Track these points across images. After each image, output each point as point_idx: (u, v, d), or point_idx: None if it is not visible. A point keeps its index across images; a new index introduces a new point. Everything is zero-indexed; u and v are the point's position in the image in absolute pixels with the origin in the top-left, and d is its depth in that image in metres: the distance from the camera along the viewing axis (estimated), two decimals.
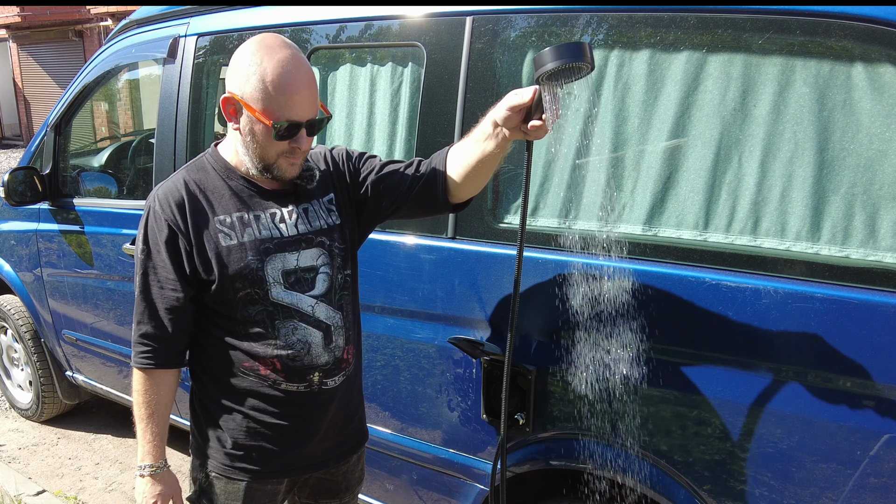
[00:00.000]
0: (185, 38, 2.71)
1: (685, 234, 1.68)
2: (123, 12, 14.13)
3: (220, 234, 1.54)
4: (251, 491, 1.65)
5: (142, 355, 1.57)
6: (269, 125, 1.45)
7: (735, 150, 1.61)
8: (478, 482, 2.07)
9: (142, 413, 1.59)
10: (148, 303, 1.56)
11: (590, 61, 1.34)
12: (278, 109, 1.45)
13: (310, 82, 1.49)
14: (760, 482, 1.60)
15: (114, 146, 3.99)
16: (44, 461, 3.63)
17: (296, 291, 1.58)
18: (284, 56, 1.45)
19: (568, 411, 1.84)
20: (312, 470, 1.72)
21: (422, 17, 2.05)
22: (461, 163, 1.61)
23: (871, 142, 1.47)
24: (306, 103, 1.48)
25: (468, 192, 1.66)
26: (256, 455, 1.63)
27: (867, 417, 1.47)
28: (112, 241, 3.04)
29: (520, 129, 1.46)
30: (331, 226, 1.65)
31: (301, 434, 1.65)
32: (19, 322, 3.79)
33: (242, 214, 1.56)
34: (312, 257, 1.61)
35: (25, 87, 18.82)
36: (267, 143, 1.50)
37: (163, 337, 1.57)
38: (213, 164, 1.60)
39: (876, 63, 1.46)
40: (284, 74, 1.44)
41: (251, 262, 1.54)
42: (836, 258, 1.51)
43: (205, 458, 1.67)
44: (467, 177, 1.61)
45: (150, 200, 1.58)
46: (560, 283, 1.81)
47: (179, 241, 1.54)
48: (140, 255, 1.57)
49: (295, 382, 1.60)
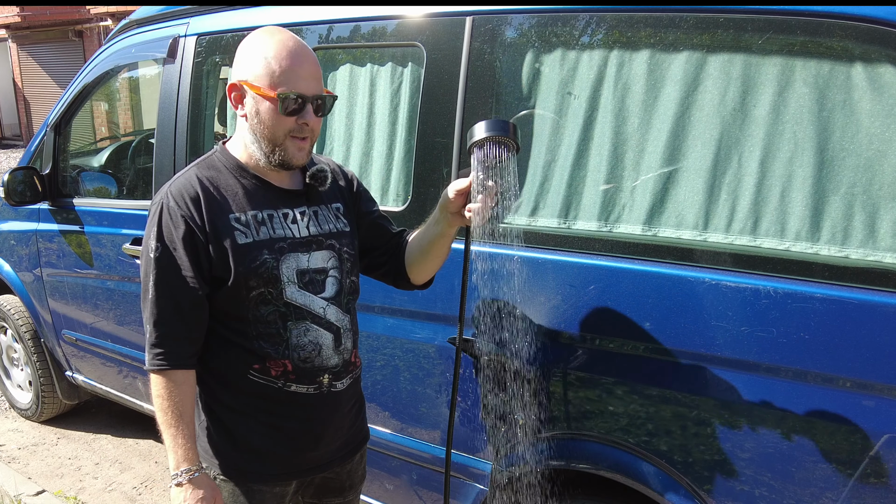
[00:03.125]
0: (185, 38, 2.71)
1: (685, 234, 1.68)
2: (123, 12, 14.13)
3: (236, 232, 1.52)
4: (260, 494, 1.63)
5: (159, 357, 1.51)
6: (275, 97, 1.46)
7: (735, 150, 1.61)
8: (478, 482, 2.07)
9: (168, 418, 1.51)
10: (163, 302, 1.50)
11: (513, 138, 1.45)
12: (283, 82, 1.46)
13: (312, 59, 1.50)
14: (760, 482, 1.61)
15: (114, 146, 3.99)
16: (43, 461, 3.63)
17: (308, 292, 1.58)
18: (285, 36, 1.49)
19: (568, 412, 1.84)
20: (320, 470, 1.72)
21: (421, 17, 2.05)
22: (416, 247, 1.72)
23: (871, 142, 1.47)
24: (311, 78, 1.49)
25: (425, 274, 1.76)
26: (265, 458, 1.62)
27: (867, 417, 1.47)
28: (112, 241, 3.04)
29: (461, 212, 1.55)
30: (340, 231, 1.65)
31: (310, 436, 1.64)
32: (19, 322, 3.79)
33: (257, 213, 1.55)
34: (323, 259, 1.60)
35: (25, 87, 18.81)
36: (274, 121, 1.49)
37: (181, 337, 1.52)
38: (225, 163, 1.58)
39: (876, 63, 1.46)
40: (286, 49, 1.47)
41: (267, 260, 1.53)
42: (836, 258, 1.51)
43: (212, 460, 1.64)
44: (421, 260, 1.71)
45: (162, 197, 1.54)
46: (560, 284, 1.81)
47: (196, 236, 1.50)
48: (153, 254, 1.51)
49: (305, 384, 1.59)
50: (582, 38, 1.79)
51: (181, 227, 1.50)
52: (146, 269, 1.53)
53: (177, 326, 1.52)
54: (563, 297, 1.81)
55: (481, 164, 1.47)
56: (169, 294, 1.50)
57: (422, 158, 2.06)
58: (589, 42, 1.79)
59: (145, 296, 1.53)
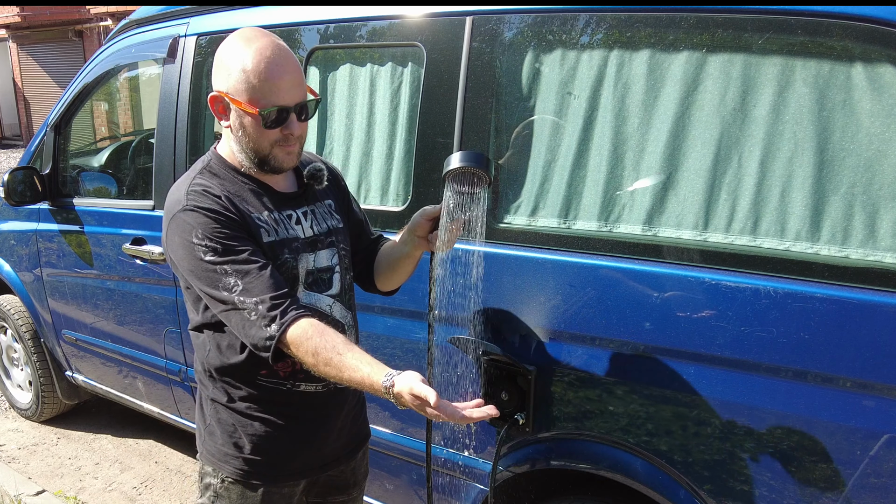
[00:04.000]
0: (185, 38, 2.71)
1: (685, 234, 1.68)
2: (123, 12, 14.12)
3: (262, 230, 1.51)
4: (269, 495, 1.62)
5: (287, 314, 1.39)
6: (256, 114, 1.43)
7: (735, 150, 1.61)
8: (478, 482, 2.07)
9: (339, 351, 1.36)
10: (250, 279, 1.40)
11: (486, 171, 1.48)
12: (263, 97, 1.42)
13: (292, 66, 1.45)
14: (760, 482, 1.61)
15: (114, 146, 3.99)
16: (43, 461, 3.63)
17: (314, 291, 1.58)
18: (262, 44, 1.43)
19: (568, 412, 1.84)
20: (327, 469, 1.72)
21: (422, 16, 2.05)
22: (385, 259, 1.75)
23: (871, 142, 1.47)
24: (291, 87, 1.45)
25: (392, 284, 1.79)
26: (275, 458, 1.62)
27: (867, 417, 1.47)
28: (112, 241, 3.04)
29: (426, 237, 1.60)
30: (336, 227, 1.66)
31: (318, 434, 1.64)
32: (19, 322, 3.79)
33: (271, 213, 1.55)
34: (327, 257, 1.61)
35: (25, 87, 18.81)
36: (258, 135, 1.47)
37: (287, 291, 1.42)
38: (224, 169, 1.55)
39: (876, 63, 1.46)
40: (264, 61, 1.41)
41: (288, 259, 1.53)
42: (836, 258, 1.51)
43: (219, 463, 1.63)
44: (389, 272, 1.75)
45: (183, 202, 1.45)
46: (559, 284, 1.81)
47: (239, 223, 1.46)
48: (207, 257, 1.41)
49: (313, 382, 1.59)
50: (582, 38, 1.79)
51: (222, 216, 1.43)
52: (204, 276, 1.42)
53: (277, 284, 1.41)
54: (563, 297, 1.81)
55: (454, 193, 1.52)
56: (246, 273, 1.40)
57: (422, 158, 2.06)
58: (589, 42, 1.79)
59: (223, 294, 1.41)
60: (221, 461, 1.62)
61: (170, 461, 3.60)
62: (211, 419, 1.64)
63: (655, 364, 1.70)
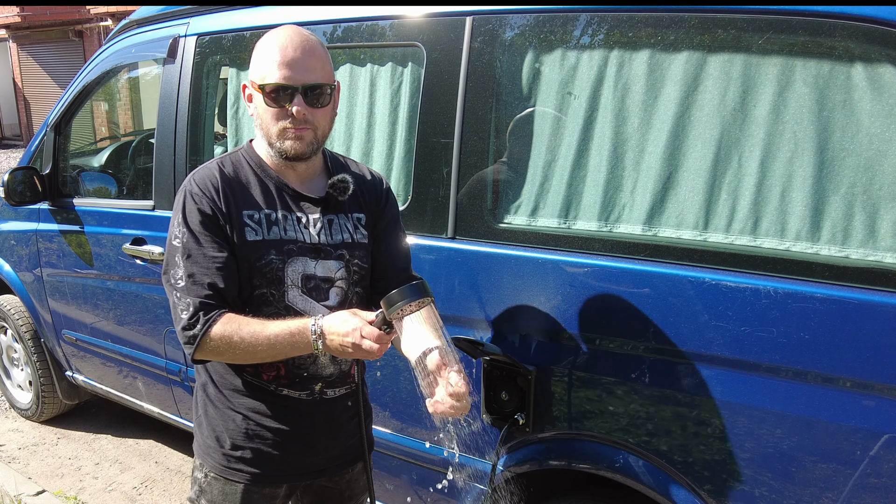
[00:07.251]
0: (185, 38, 2.71)
1: (685, 234, 1.68)
2: (123, 12, 14.12)
3: (247, 228, 1.52)
4: (249, 494, 1.64)
5: (207, 314, 1.45)
6: (259, 89, 1.48)
7: (735, 150, 1.61)
8: (478, 482, 2.07)
9: (262, 329, 1.44)
10: (196, 271, 1.47)
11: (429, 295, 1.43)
12: (269, 73, 1.46)
13: (306, 47, 1.47)
14: (760, 482, 1.61)
15: (114, 146, 3.99)
16: (44, 461, 3.63)
17: (311, 298, 1.56)
18: (282, 31, 1.50)
19: (568, 412, 1.84)
20: (311, 477, 1.70)
21: (422, 17, 2.05)
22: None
23: (871, 142, 1.47)
24: (299, 68, 1.46)
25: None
26: (254, 458, 1.62)
27: (867, 417, 1.47)
28: (112, 241, 3.04)
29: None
30: (355, 242, 1.62)
31: (300, 440, 1.64)
32: (19, 322, 3.79)
33: (271, 213, 1.55)
34: (331, 269, 1.59)
35: (25, 87, 18.81)
36: (265, 114, 1.50)
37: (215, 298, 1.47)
38: (249, 159, 1.59)
39: (876, 63, 1.46)
40: (276, 40, 1.48)
41: (273, 260, 1.53)
42: (836, 258, 1.51)
43: (205, 457, 1.66)
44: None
45: (186, 185, 1.54)
46: (559, 284, 1.81)
47: (220, 221, 1.50)
48: (178, 241, 1.49)
49: (297, 390, 1.60)
50: (582, 38, 1.79)
51: (206, 209, 1.50)
52: (172, 256, 1.50)
53: (209, 293, 1.47)
54: (562, 297, 1.81)
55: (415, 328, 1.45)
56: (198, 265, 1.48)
57: (422, 158, 2.06)
58: (589, 42, 1.79)
59: (173, 282, 1.49)
60: (206, 454, 1.65)
61: (170, 461, 3.60)
62: (201, 410, 1.67)
63: (655, 364, 1.70)
